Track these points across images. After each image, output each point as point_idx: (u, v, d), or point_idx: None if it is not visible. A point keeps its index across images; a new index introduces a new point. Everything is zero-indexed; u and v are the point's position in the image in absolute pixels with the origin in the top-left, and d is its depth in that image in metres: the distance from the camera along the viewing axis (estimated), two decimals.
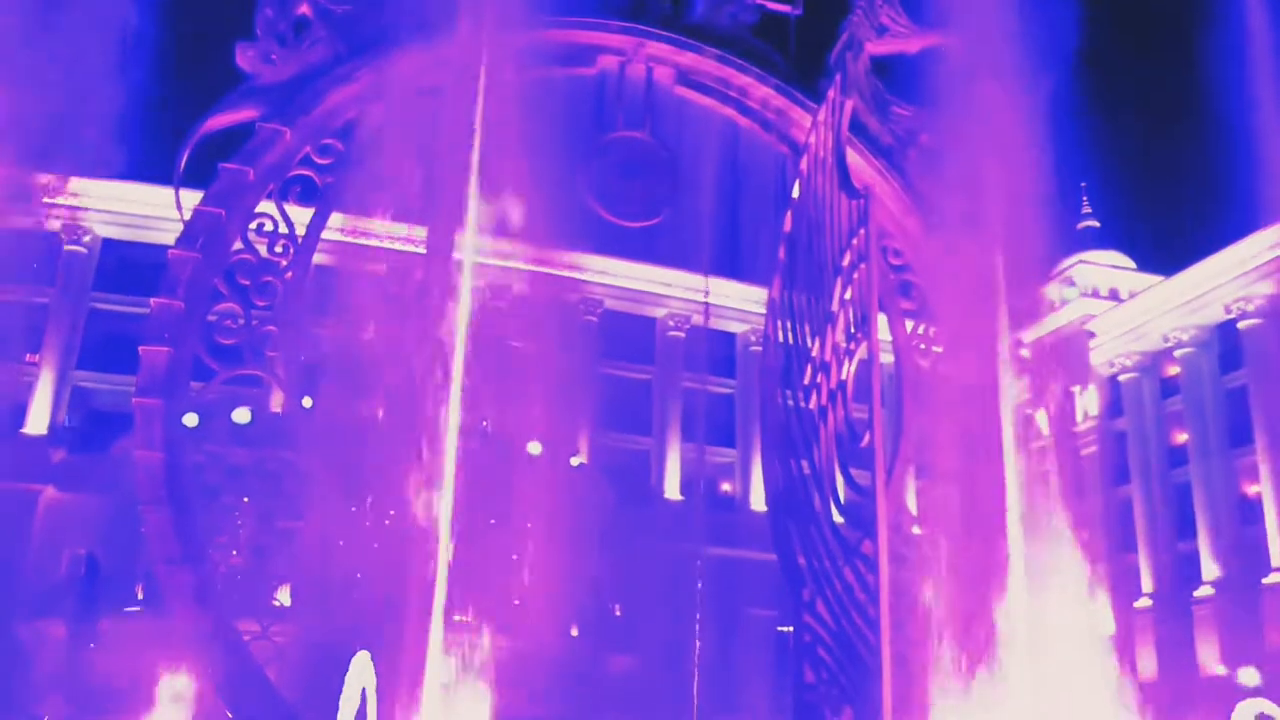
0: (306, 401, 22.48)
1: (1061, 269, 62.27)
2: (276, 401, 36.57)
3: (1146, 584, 54.28)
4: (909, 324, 26.20)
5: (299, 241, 21.54)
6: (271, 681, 18.93)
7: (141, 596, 36.94)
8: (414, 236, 24.72)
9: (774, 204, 26.65)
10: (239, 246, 21.11)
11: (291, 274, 21.24)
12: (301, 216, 22.14)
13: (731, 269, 55.85)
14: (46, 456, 46.00)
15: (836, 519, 22.82)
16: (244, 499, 21.54)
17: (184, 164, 21.77)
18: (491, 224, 22.78)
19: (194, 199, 21.66)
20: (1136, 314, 57.50)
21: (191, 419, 22.06)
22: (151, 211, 47.03)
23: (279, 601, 20.46)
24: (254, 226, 21.44)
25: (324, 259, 26.12)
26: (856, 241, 22.65)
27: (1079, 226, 64.98)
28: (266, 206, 21.80)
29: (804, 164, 24.24)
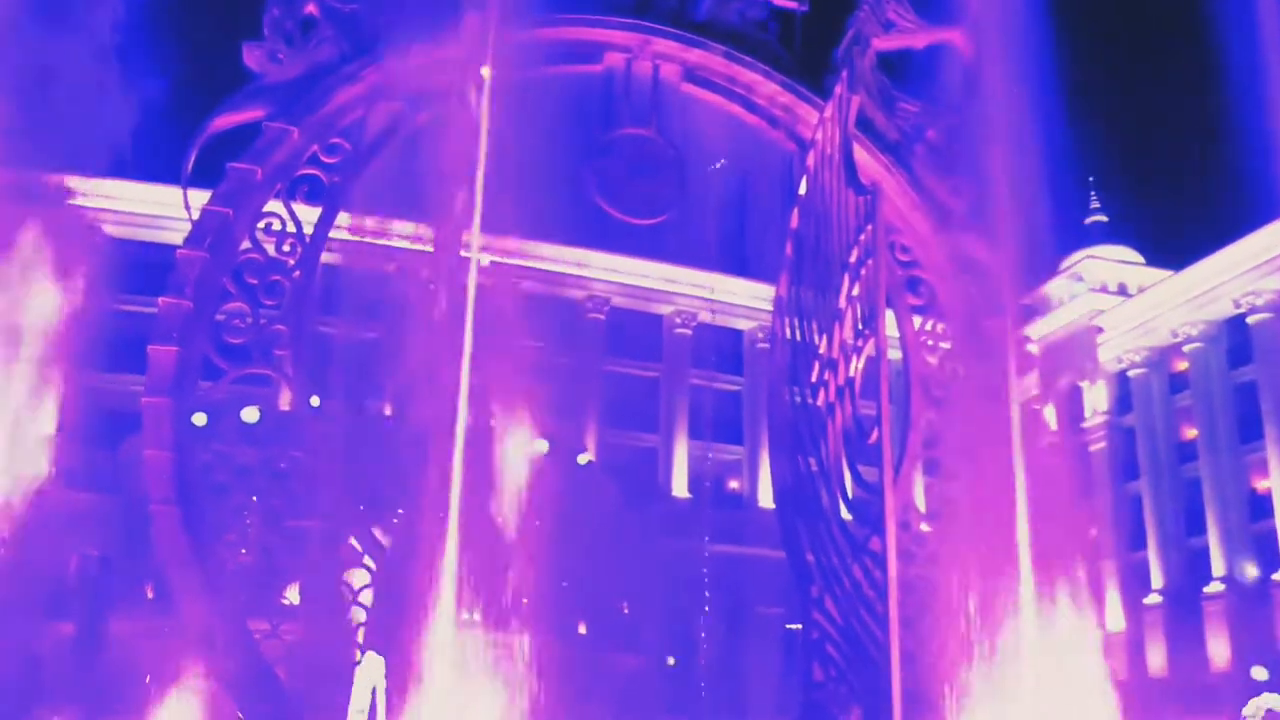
0: (315, 400, 22.51)
1: (1069, 264, 62.10)
2: (285, 400, 36.68)
3: (1156, 580, 54.15)
4: (917, 320, 26.16)
5: (307, 240, 21.55)
6: (281, 680, 18.96)
7: (151, 596, 37.04)
8: (421, 235, 24.74)
9: (781, 201, 26.63)
10: (247, 246, 21.14)
11: (299, 273, 21.25)
12: (309, 215, 22.16)
13: (738, 266, 55.84)
14: (54, 456, 46.11)
15: (845, 516, 22.79)
16: (252, 498, 21.59)
17: (192, 163, 21.81)
18: (498, 222, 22.78)
19: (202, 198, 21.70)
20: (1145, 309, 57.32)
21: (200, 418, 22.10)
22: (160, 211, 47.13)
23: (288, 600, 20.49)
24: (262, 226, 21.46)
25: (332, 258, 26.16)
26: (864, 237, 22.62)
27: (1087, 221, 64.79)
28: (274, 206, 21.83)
29: (811, 160, 24.22)
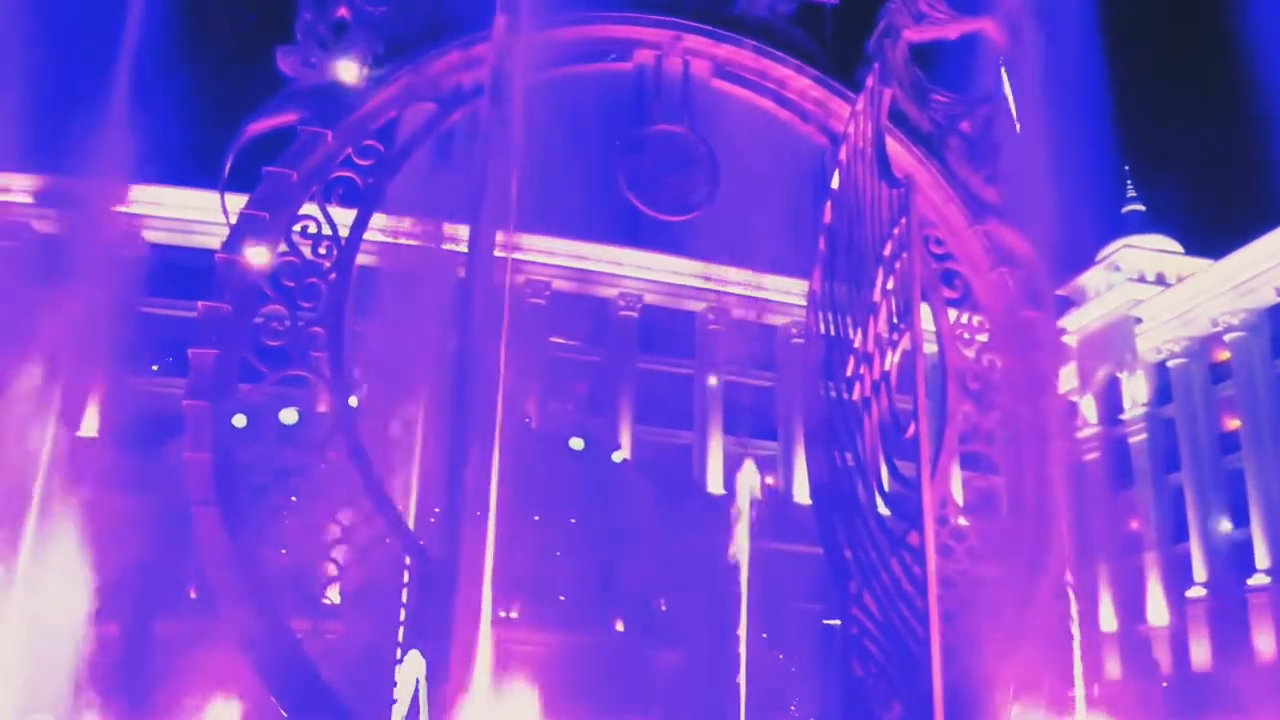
0: (353, 401, 22.70)
1: (1106, 254, 61.39)
2: (323, 402, 37.01)
3: (1199, 573, 53.46)
4: (952, 313, 25.98)
5: (342, 243, 21.73)
6: (324, 678, 19.14)
7: (194, 597, 37.51)
8: (455, 235, 24.86)
9: (814, 196, 26.53)
10: (284, 249, 21.35)
11: (335, 275, 21.44)
12: (345, 218, 22.35)
13: (771, 262, 55.66)
14: (99, 459, 46.87)
15: (882, 511, 22.68)
16: (292, 499, 21.79)
17: (229, 168, 22.06)
18: (531, 221, 22.87)
19: (239, 203, 21.96)
20: (1184, 298, 56.54)
21: (240, 420, 22.36)
22: (198, 216, 47.69)
23: (329, 599, 20.67)
24: (298, 229, 21.67)
25: (368, 259, 26.34)
26: (898, 231, 22.50)
27: (1124, 210, 63.97)
28: (310, 209, 22.03)
29: (843, 154, 24.12)
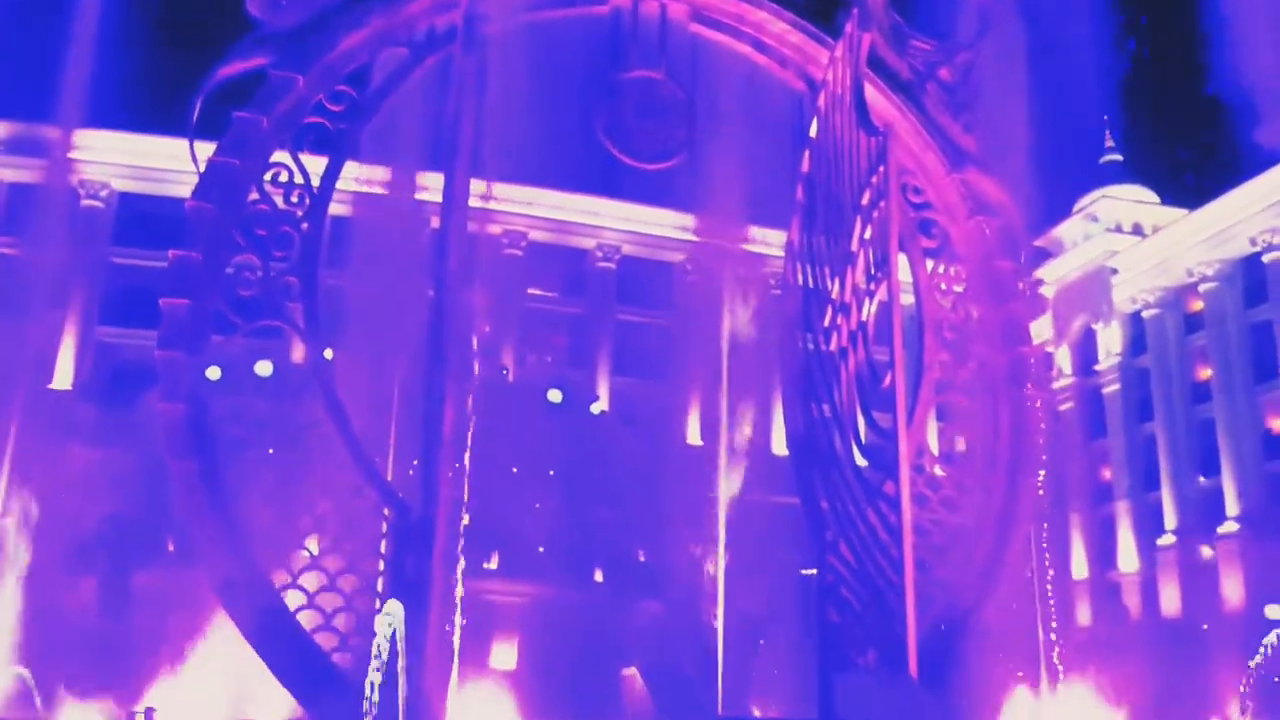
0: (328, 354, 22.51)
1: (1084, 205, 61.47)
2: (298, 354, 36.72)
3: (1170, 521, 54.20)
4: (929, 263, 25.95)
5: (314, 191, 21.40)
6: (304, 628, 19.14)
7: (172, 549, 37.41)
8: (429, 185, 24.54)
9: (792, 144, 26.30)
10: (255, 197, 21.01)
11: (308, 224, 21.14)
12: (317, 167, 21.99)
13: (750, 212, 55.40)
14: (73, 412, 46.46)
15: (858, 461, 22.78)
16: (269, 450, 21.67)
17: (197, 114, 21.61)
18: (507, 170, 22.60)
19: (209, 151, 21.53)
20: (1160, 249, 56.75)
21: (215, 372, 22.14)
22: (167, 165, 46.85)
23: (308, 551, 20.62)
24: (269, 177, 21.31)
25: (341, 209, 25.97)
26: (876, 179, 22.39)
27: (1102, 161, 63.96)
28: (281, 157, 21.67)
29: (822, 101, 23.91)
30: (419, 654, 16.78)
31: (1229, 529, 51.05)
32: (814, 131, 24.09)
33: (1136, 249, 58.37)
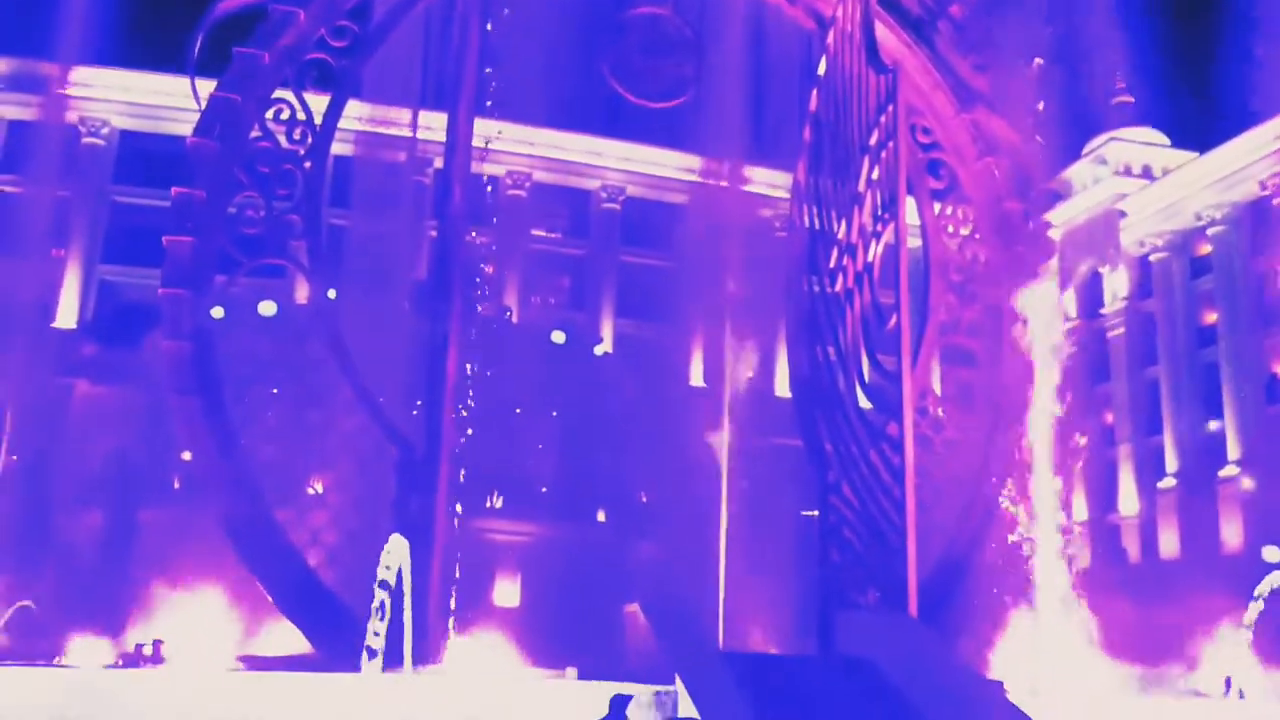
0: (332, 293, 22.46)
1: (1093, 147, 60.86)
2: (302, 294, 36.64)
3: (1171, 464, 54.38)
4: (937, 205, 25.75)
5: (317, 129, 21.20)
6: (310, 566, 19.32)
7: (178, 486, 37.68)
8: (433, 124, 24.32)
9: (800, 83, 25.98)
10: (257, 134, 20.82)
11: (311, 162, 20.96)
12: (319, 105, 21.77)
13: (757, 152, 54.94)
14: (78, 350, 46.57)
15: (862, 403, 22.78)
16: (273, 390, 21.71)
17: (198, 50, 21.37)
18: (510, 109, 22.37)
19: (212, 89, 21.29)
20: (1169, 192, 56.26)
21: (219, 312, 22.09)
22: (169, 102, 46.49)
23: (314, 490, 20.76)
24: (271, 114, 21.11)
25: (344, 149, 25.76)
26: (884, 119, 22.09)
27: (1112, 102, 63.17)
28: (284, 94, 21.43)
29: (831, 39, 23.53)
30: (422, 590, 16.95)
31: (1230, 472, 51.25)
32: (822, 69, 23.75)
33: (1145, 192, 57.88)
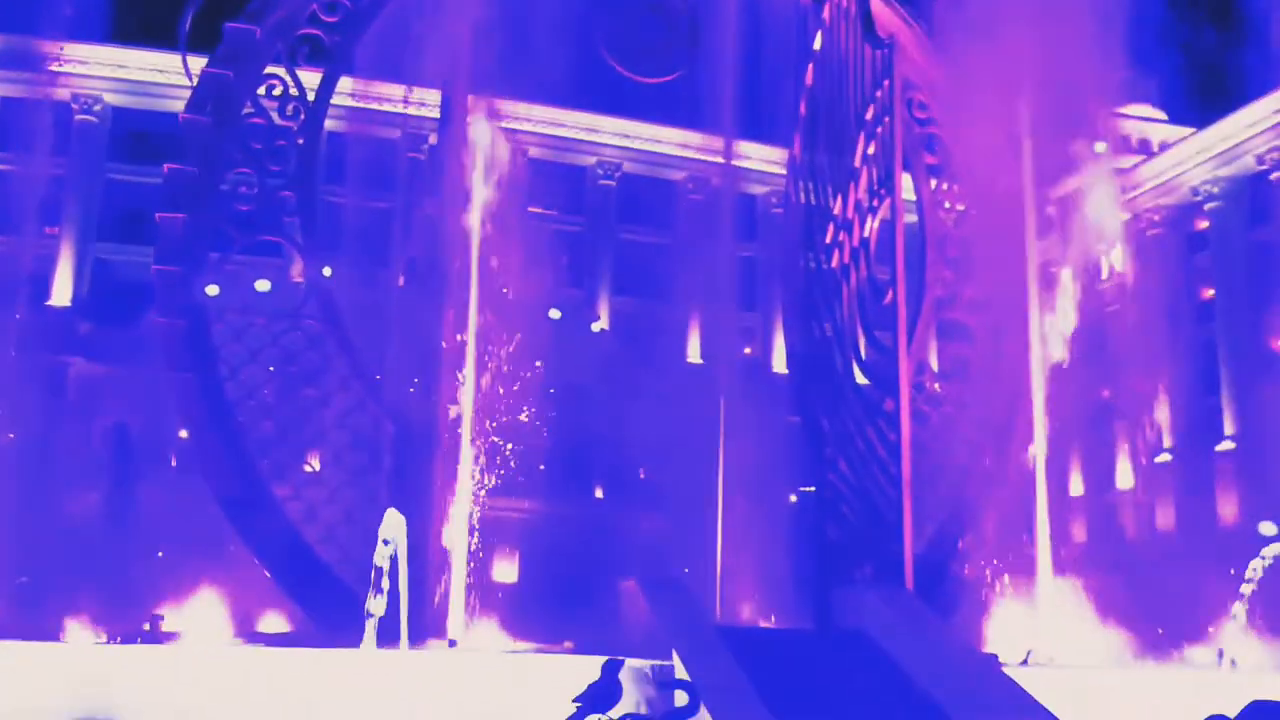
0: (327, 271, 22.41)
1: (1092, 122, 60.67)
2: (297, 271, 36.57)
3: (1168, 439, 54.52)
4: (933, 181, 25.70)
5: (310, 104, 21.08)
6: (306, 540, 19.37)
7: (175, 464, 37.74)
8: (426, 100, 24.19)
9: (796, 59, 25.85)
10: (250, 110, 20.70)
11: (304, 139, 20.86)
12: (312, 81, 21.63)
13: (752, 129, 54.74)
14: (74, 328, 46.52)
15: (859, 379, 22.81)
16: (270, 368, 21.68)
17: (189, 25, 21.22)
18: (504, 84, 22.25)
19: (203, 65, 21.16)
20: (1166, 167, 56.18)
21: (214, 289, 22.04)
22: (162, 79, 46.29)
23: (311, 467, 20.78)
24: (264, 90, 20.99)
25: (337, 125, 25.62)
26: (880, 94, 22.01)
27: (1112, 77, 62.91)
28: (276, 70, 21.29)
29: (826, 13, 23.41)
30: (420, 565, 17.00)
31: (1226, 447, 51.41)
32: (818, 44, 23.64)
33: (1143, 167, 57.81)
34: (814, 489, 23.97)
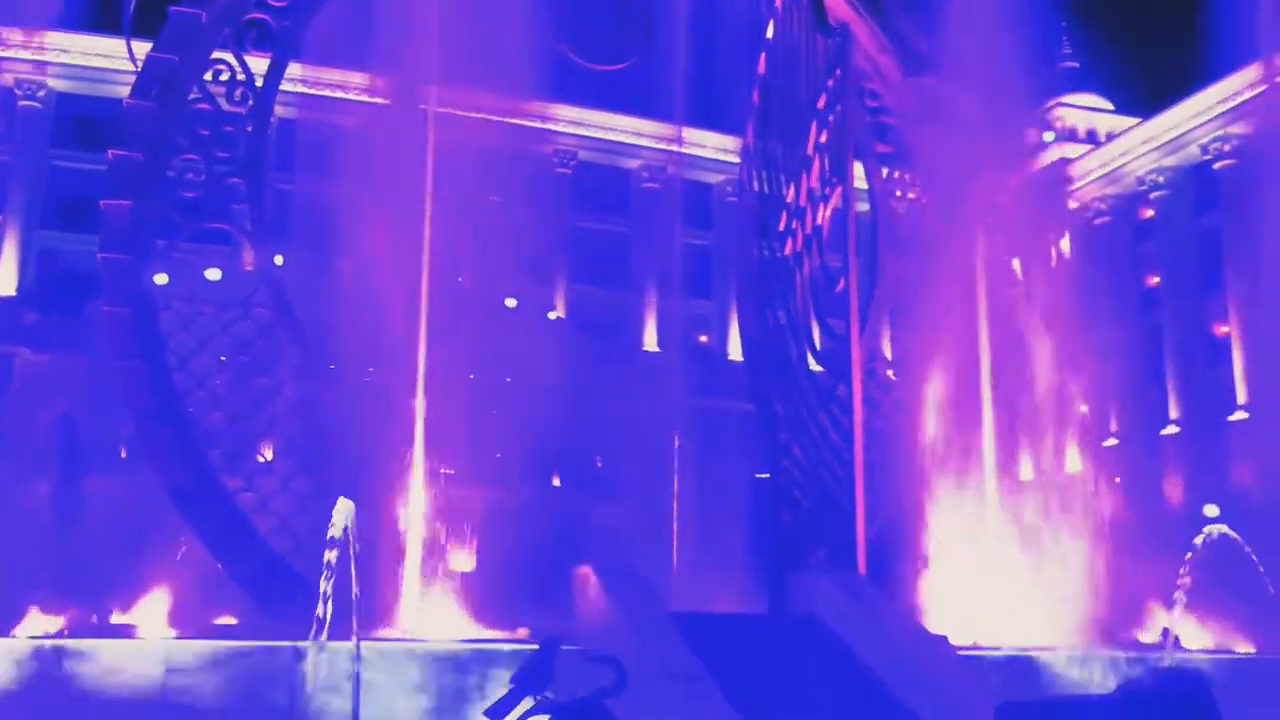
0: (279, 259, 22.17)
1: (1039, 112, 61.44)
2: (247, 259, 36.13)
3: (1115, 424, 55.47)
4: (884, 170, 25.92)
5: (259, 90, 20.81)
6: (258, 531, 19.19)
7: (125, 455, 37.15)
8: (376, 87, 23.98)
9: (750, 48, 25.93)
10: (196, 96, 20.40)
11: (253, 125, 20.60)
12: (261, 67, 21.35)
13: (707, 117, 54.87)
14: (18, 318, 45.69)
15: (812, 366, 23.01)
16: (221, 358, 21.42)
17: (134, 9, 20.87)
18: (456, 71, 22.11)
19: (148, 50, 20.81)
20: (1113, 156, 57.09)
21: (162, 278, 21.74)
22: (107, 64, 45.53)
23: (263, 457, 20.58)
24: (210, 76, 20.69)
25: (289, 112, 25.32)
26: (832, 83, 22.16)
27: (1059, 68, 63.78)
28: (224, 55, 20.99)
29: (779, 1, 23.52)
30: (373, 554, 16.92)
31: (1171, 431, 52.42)
32: (770, 33, 23.75)
33: (1090, 157, 58.64)
34: (768, 475, 24.15)
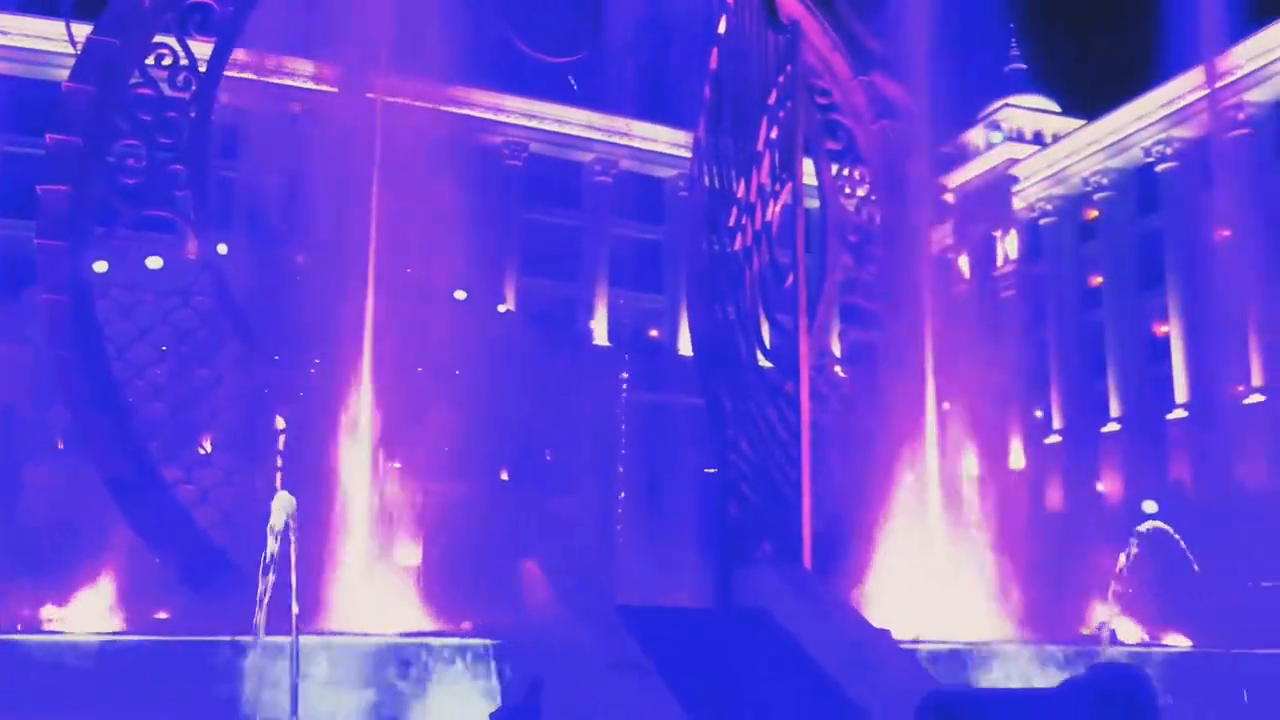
0: (222, 248, 21.80)
1: (987, 113, 62.19)
2: (190, 248, 35.54)
3: (1057, 421, 56.38)
4: (834, 166, 26.05)
5: (202, 76, 20.43)
6: (198, 524, 18.89)
7: (62, 446, 36.39)
8: (325, 75, 23.67)
9: (702, 42, 25.93)
10: (137, 80, 19.99)
11: (196, 111, 20.22)
12: (205, 53, 20.98)
13: (659, 111, 54.85)
14: None
15: (761, 361, 23.09)
16: (162, 348, 21.05)
17: None
18: (406, 61, 21.88)
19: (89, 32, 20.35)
20: (1059, 158, 57.89)
21: (102, 266, 21.30)
22: (47, 47, 44.47)
23: (203, 449, 20.26)
24: (153, 60, 20.28)
25: (233, 98, 24.90)
26: (783, 79, 22.23)
27: (1006, 69, 64.57)
28: (166, 39, 20.59)
29: None
30: (315, 548, 16.72)
31: (1111, 429, 53.35)
32: (723, 28, 23.76)
33: (1036, 158, 59.44)
34: (717, 469, 24.20)
